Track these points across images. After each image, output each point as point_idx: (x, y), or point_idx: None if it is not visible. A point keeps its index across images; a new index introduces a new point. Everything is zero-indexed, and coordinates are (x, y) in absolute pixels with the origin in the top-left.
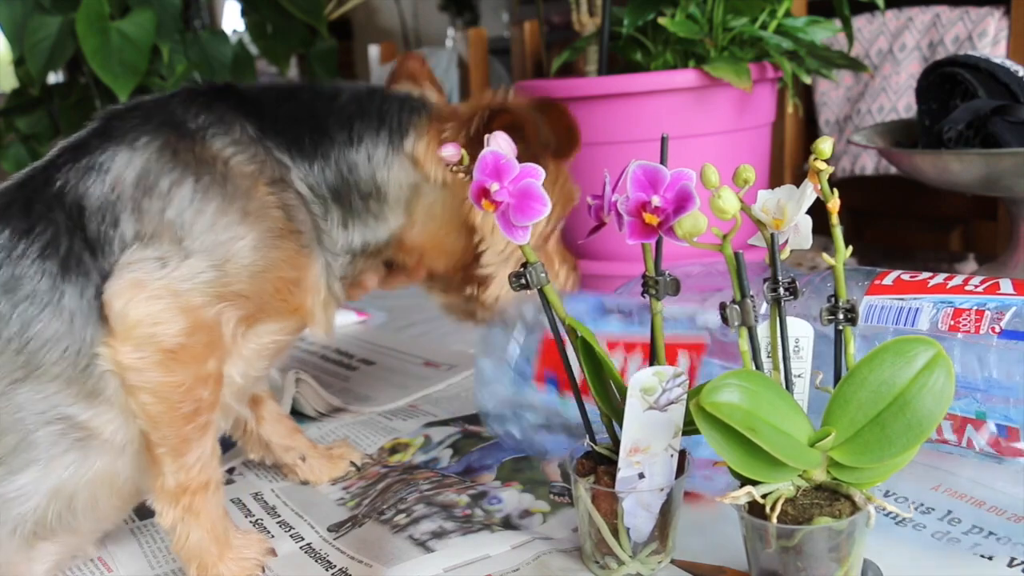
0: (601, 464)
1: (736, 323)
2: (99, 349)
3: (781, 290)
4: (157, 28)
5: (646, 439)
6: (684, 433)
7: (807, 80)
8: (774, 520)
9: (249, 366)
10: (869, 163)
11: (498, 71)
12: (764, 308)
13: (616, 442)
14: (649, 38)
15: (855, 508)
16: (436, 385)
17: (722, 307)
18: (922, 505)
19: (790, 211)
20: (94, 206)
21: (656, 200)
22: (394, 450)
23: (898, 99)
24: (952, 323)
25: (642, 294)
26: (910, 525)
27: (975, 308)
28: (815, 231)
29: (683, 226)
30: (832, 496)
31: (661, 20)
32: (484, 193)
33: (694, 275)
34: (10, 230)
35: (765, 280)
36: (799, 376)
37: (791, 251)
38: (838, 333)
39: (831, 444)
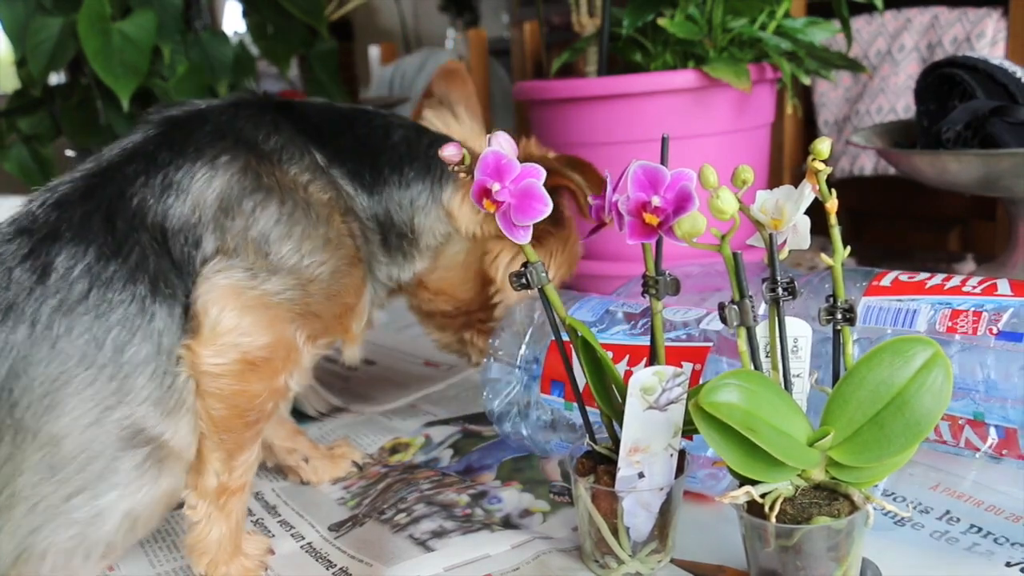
0: (601, 463)
1: (735, 323)
2: (179, 351)
3: (780, 290)
4: (158, 29)
5: (646, 439)
6: (685, 433)
7: (806, 81)
8: (773, 519)
9: (302, 376)
10: (868, 163)
11: (498, 72)
12: (763, 308)
13: (616, 442)
14: (649, 39)
15: (854, 507)
16: (436, 385)
17: (721, 307)
18: (921, 504)
19: (788, 211)
20: (176, 227)
21: (656, 200)
22: (395, 450)
23: (897, 100)
24: (950, 324)
25: (642, 294)
26: (909, 525)
27: (973, 309)
28: (814, 231)
29: (682, 226)
30: (831, 495)
31: (660, 21)
32: (485, 193)
33: (694, 275)
34: (96, 250)
35: (764, 280)
36: (798, 376)
37: (790, 251)
38: (836, 333)
39: (830, 444)
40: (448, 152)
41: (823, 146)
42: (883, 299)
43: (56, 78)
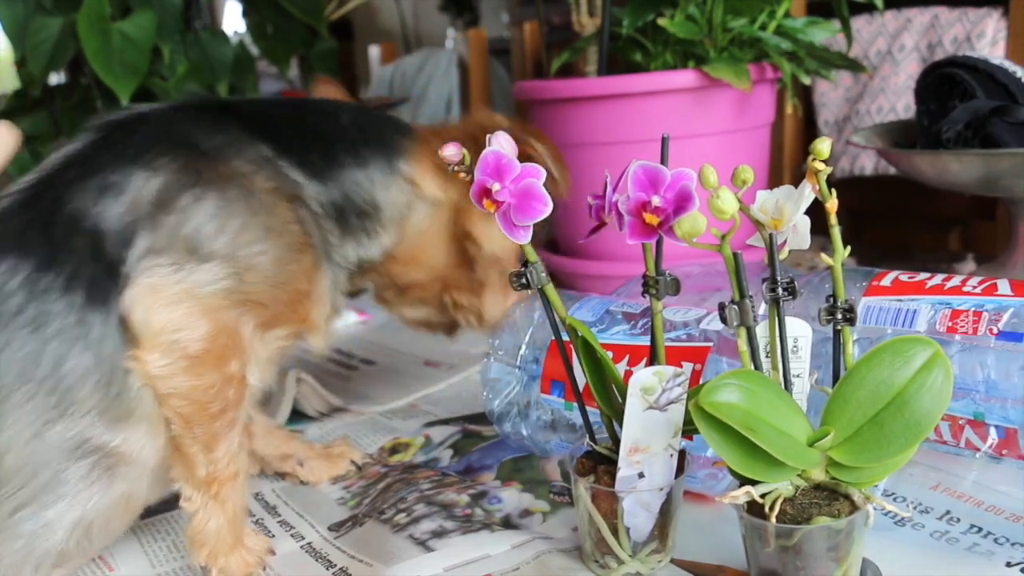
0: (601, 464)
1: (735, 323)
2: (127, 363)
3: (780, 290)
4: (158, 29)
5: (646, 439)
6: (685, 433)
7: (806, 81)
8: (773, 520)
9: (262, 371)
10: (868, 163)
11: (498, 72)
12: (763, 308)
13: (616, 442)
14: (649, 39)
15: (854, 507)
16: (436, 385)
17: (721, 307)
18: (921, 505)
19: (788, 211)
20: (112, 229)
21: (656, 200)
22: (394, 450)
23: (897, 100)
24: (950, 324)
25: (642, 294)
26: (909, 525)
27: (973, 309)
28: (814, 231)
29: (682, 226)
30: (831, 496)
31: (661, 21)
32: (485, 193)
33: (694, 275)
34: (33, 261)
35: (764, 280)
36: (798, 376)
37: (790, 251)
38: (836, 333)
39: (830, 444)
40: (448, 152)
41: (823, 146)
42: (883, 299)
43: (56, 78)
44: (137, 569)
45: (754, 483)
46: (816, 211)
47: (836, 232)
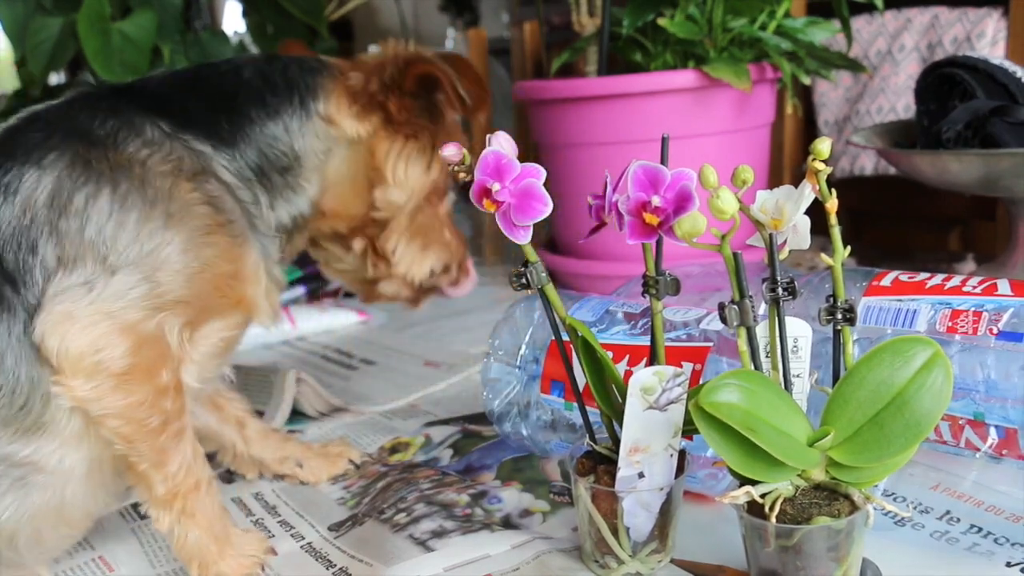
0: (601, 463)
1: (735, 323)
2: (52, 388)
3: (780, 290)
4: (158, 29)
5: (646, 439)
6: (685, 433)
7: (806, 81)
8: (773, 520)
9: (203, 369)
10: (868, 163)
11: (498, 72)
12: (763, 308)
13: (616, 442)
14: (649, 39)
15: (854, 507)
16: (436, 385)
17: (721, 307)
18: (921, 505)
19: (788, 211)
20: (7, 234)
21: (656, 200)
22: (395, 449)
23: (897, 100)
24: (950, 324)
25: (642, 294)
26: (909, 525)
27: (973, 309)
28: (814, 231)
29: (682, 226)
30: (831, 496)
31: (661, 21)
32: (485, 193)
33: (694, 275)
34: None
35: (764, 280)
36: (798, 376)
37: (790, 251)
38: (836, 333)
39: (830, 444)
40: (448, 152)
41: (823, 146)
42: (883, 299)
43: (56, 78)
44: (137, 568)
45: (754, 483)
46: (816, 211)
47: (836, 232)
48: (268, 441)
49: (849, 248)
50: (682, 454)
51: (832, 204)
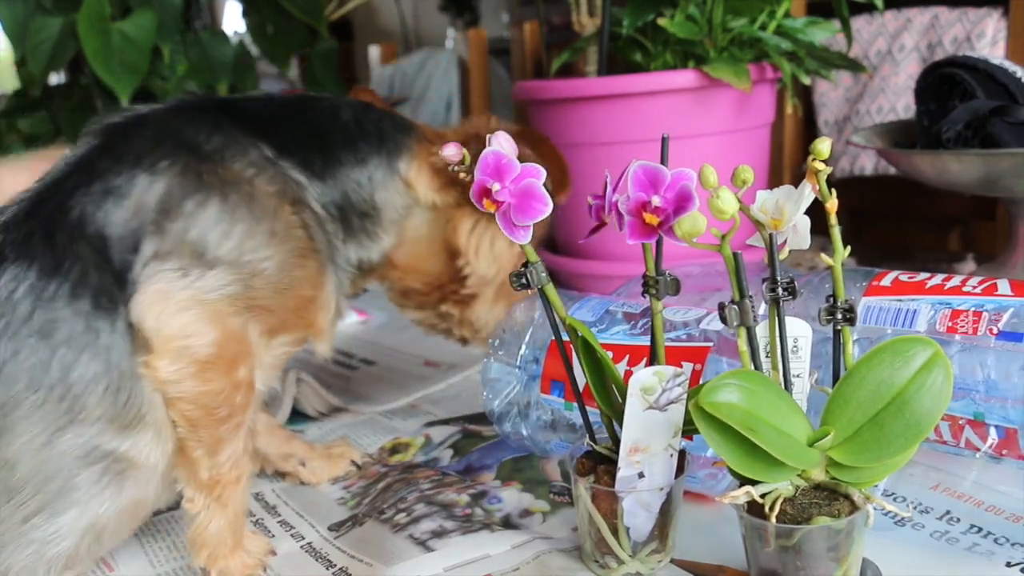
0: (601, 463)
1: (735, 323)
2: (139, 369)
3: (780, 290)
4: (158, 29)
5: (646, 439)
6: (685, 433)
7: (806, 81)
8: (773, 520)
9: (267, 376)
10: (868, 163)
11: (498, 72)
12: (763, 308)
13: (616, 442)
14: (649, 39)
15: (854, 507)
16: (436, 385)
17: (721, 307)
18: (921, 504)
19: (788, 211)
20: (116, 235)
21: (656, 200)
22: (395, 450)
23: (897, 100)
24: (950, 324)
25: (642, 294)
26: (909, 525)
27: (973, 309)
28: (814, 232)
29: (682, 226)
30: (831, 496)
31: (661, 21)
32: (485, 193)
33: (694, 275)
34: (38, 268)
35: (764, 280)
36: (798, 376)
37: (790, 251)
38: (836, 333)
39: (830, 444)
40: (448, 152)
41: (823, 146)
42: (883, 299)
43: (56, 78)
44: (137, 569)
45: (754, 483)
46: (816, 211)
47: (836, 232)
48: (274, 436)
49: (849, 248)
50: (682, 454)
51: (832, 204)
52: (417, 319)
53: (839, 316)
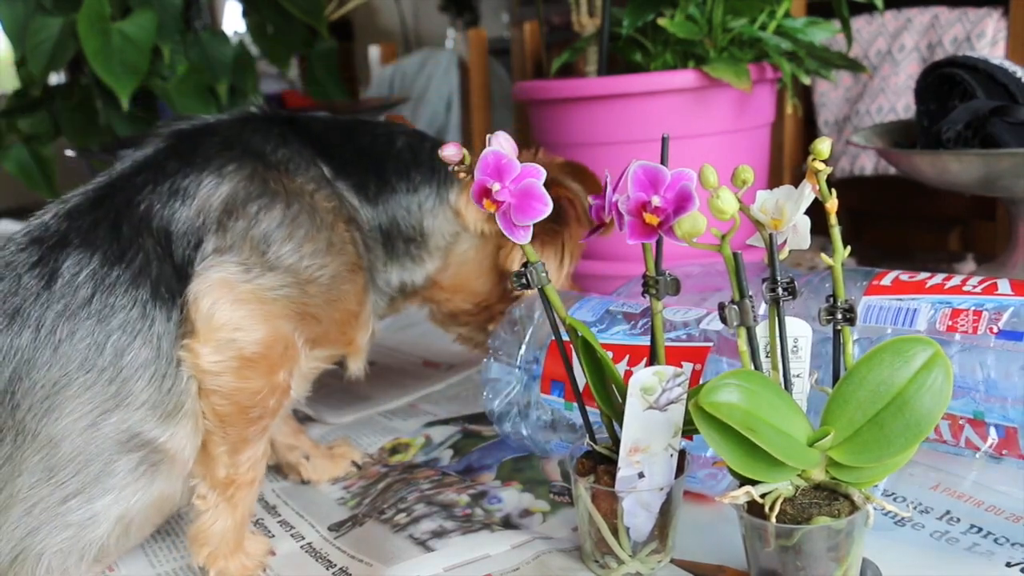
0: (601, 463)
1: (735, 323)
2: (179, 352)
3: (780, 290)
4: (158, 29)
5: (646, 439)
6: (685, 433)
7: (806, 81)
8: (773, 520)
9: (301, 386)
10: (868, 163)
11: (498, 72)
12: (763, 308)
13: (616, 442)
14: (649, 38)
15: (854, 507)
16: (436, 385)
17: (721, 307)
18: (921, 505)
19: (788, 211)
20: (180, 231)
21: (656, 200)
22: (395, 450)
23: (897, 100)
24: (950, 323)
25: (642, 294)
26: (909, 525)
27: (973, 309)
28: (814, 232)
29: (682, 226)
30: (831, 496)
31: (660, 21)
32: (485, 193)
33: (694, 275)
34: (101, 255)
35: (764, 280)
36: (798, 376)
37: (790, 251)
38: (836, 333)
39: (830, 444)
40: (448, 152)
41: (823, 146)
42: (883, 298)
43: (56, 78)
44: (137, 569)
45: (754, 483)
46: (816, 211)
47: (836, 232)
48: (284, 426)
49: (849, 248)
50: (682, 454)
51: (832, 204)
52: (464, 338)
53: (839, 316)
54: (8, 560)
